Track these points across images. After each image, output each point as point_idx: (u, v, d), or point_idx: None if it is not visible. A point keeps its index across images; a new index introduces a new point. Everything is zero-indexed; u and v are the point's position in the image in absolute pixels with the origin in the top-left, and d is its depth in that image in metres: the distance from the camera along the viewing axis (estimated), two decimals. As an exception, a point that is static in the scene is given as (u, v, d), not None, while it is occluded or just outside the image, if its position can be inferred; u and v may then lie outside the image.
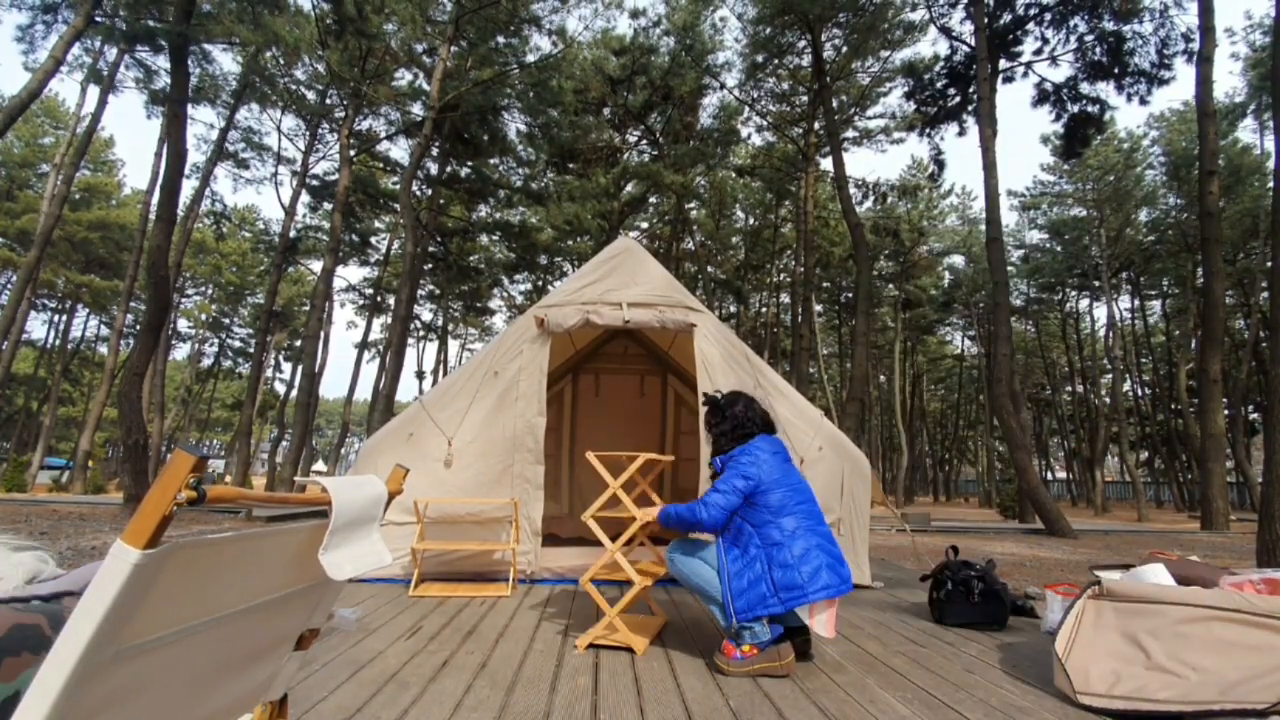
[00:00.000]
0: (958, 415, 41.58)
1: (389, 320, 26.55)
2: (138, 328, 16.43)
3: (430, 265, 23.62)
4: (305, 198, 21.78)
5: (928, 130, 17.47)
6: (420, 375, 33.96)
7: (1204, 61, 11.22)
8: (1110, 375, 28.71)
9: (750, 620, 2.26)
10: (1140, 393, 32.67)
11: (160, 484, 0.59)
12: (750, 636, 2.25)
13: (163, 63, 15.38)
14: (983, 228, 17.47)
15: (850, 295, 28.32)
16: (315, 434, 49.61)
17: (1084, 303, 31.86)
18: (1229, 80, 70.08)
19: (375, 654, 2.39)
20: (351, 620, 2.80)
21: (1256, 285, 21.41)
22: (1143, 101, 14.55)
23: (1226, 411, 19.01)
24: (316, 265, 23.63)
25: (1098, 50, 14.55)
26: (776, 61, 19.55)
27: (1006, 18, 14.85)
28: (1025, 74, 15.38)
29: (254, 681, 0.94)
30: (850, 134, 21.76)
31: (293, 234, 21.46)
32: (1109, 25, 14.26)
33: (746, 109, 21.24)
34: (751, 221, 28.17)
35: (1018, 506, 15.20)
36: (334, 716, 1.77)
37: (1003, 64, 15.20)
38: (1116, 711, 1.89)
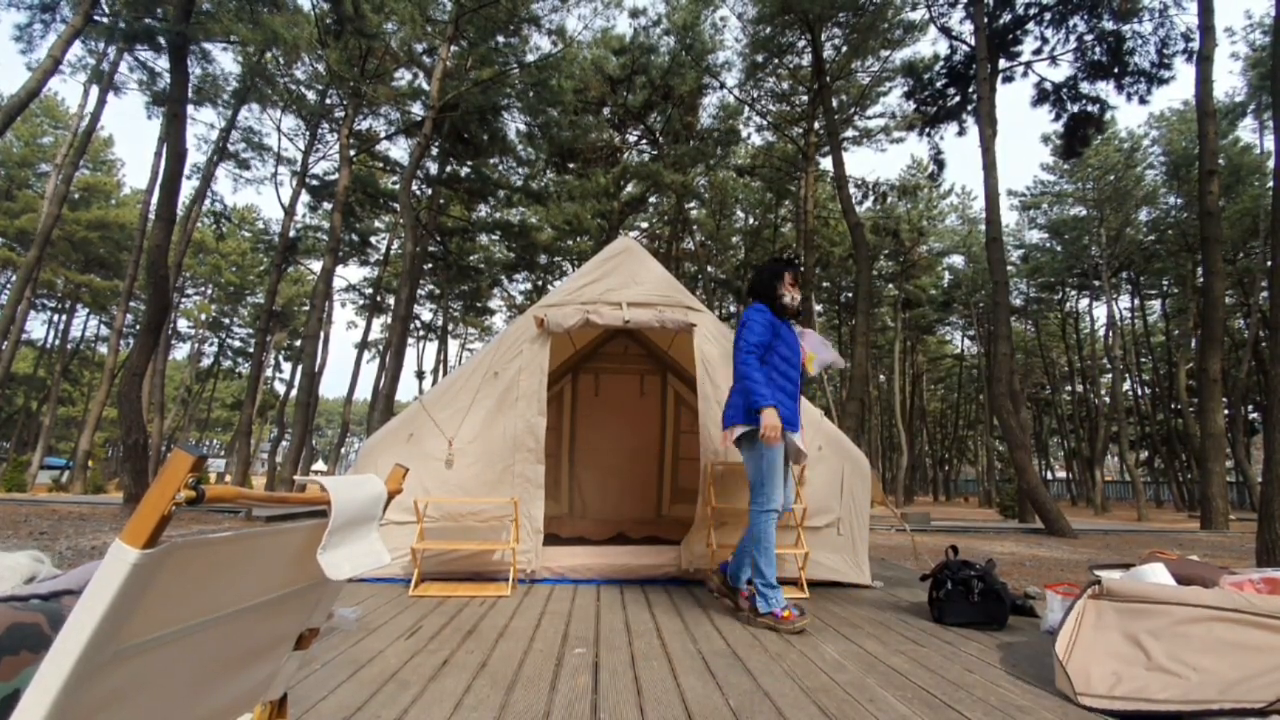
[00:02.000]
0: (957, 415, 41.60)
1: (389, 320, 26.55)
2: (137, 327, 16.42)
3: (430, 265, 23.61)
4: (305, 197, 21.79)
5: (927, 130, 17.46)
6: (420, 375, 33.97)
7: (1204, 61, 11.21)
8: (1110, 375, 28.72)
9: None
10: (1140, 392, 32.68)
11: (159, 483, 0.59)
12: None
13: (163, 62, 15.37)
14: (982, 227, 17.47)
15: (850, 295, 28.32)
16: (315, 434, 49.62)
17: (1084, 302, 31.90)
18: (1229, 80, 70.20)
19: (375, 653, 2.39)
20: (351, 620, 2.80)
21: (1256, 285, 21.42)
22: (1143, 101, 14.54)
23: (1226, 411, 19.04)
24: (316, 265, 23.63)
25: (1097, 50, 14.54)
26: (776, 61, 19.54)
27: (1006, 17, 14.83)
28: (1025, 73, 15.37)
29: (253, 681, 0.94)
30: (850, 133, 21.75)
31: (292, 234, 21.45)
32: (1109, 25, 14.24)
33: (746, 109, 21.24)
34: (751, 221, 28.16)
35: (1017, 506, 15.20)
36: (334, 716, 1.77)
37: (1002, 63, 15.19)
38: (1117, 712, 1.89)
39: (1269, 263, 7.54)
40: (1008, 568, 5.88)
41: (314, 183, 21.38)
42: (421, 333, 33.08)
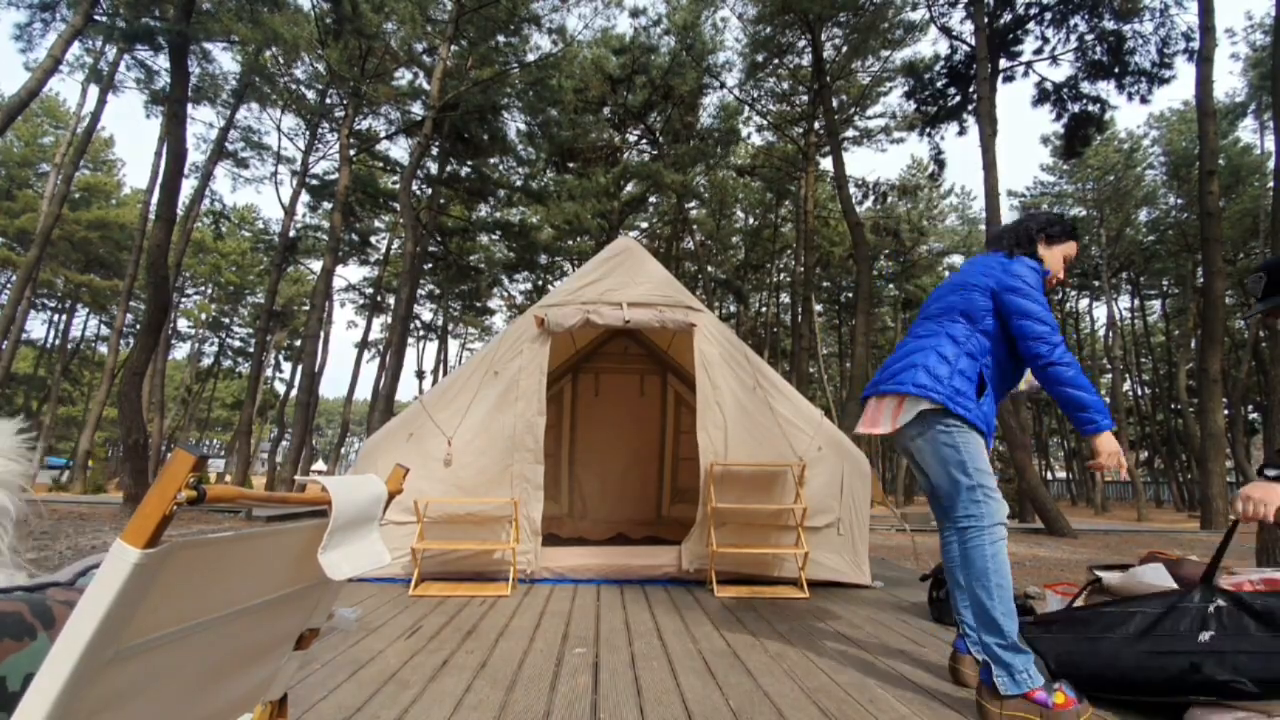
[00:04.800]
0: (957, 415, 41.47)
1: (389, 320, 26.56)
2: (137, 327, 16.42)
3: (430, 265, 23.62)
4: (305, 197, 21.80)
5: (928, 130, 17.45)
6: (420, 375, 33.97)
7: (1204, 61, 11.21)
8: (1110, 375, 28.73)
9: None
10: (1140, 392, 32.69)
11: (160, 483, 0.59)
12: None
13: (162, 62, 15.39)
14: (983, 227, 17.47)
15: (850, 295, 28.33)
16: (315, 434, 49.60)
17: (1084, 302, 31.91)
18: (1229, 80, 70.03)
19: (375, 653, 2.39)
20: (351, 620, 2.80)
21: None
22: (1143, 101, 14.54)
23: (1226, 411, 19.03)
24: (316, 265, 23.64)
25: (1098, 49, 14.54)
26: (776, 61, 19.54)
27: (1007, 17, 14.83)
28: (1025, 73, 15.37)
29: (254, 681, 0.94)
30: (850, 133, 21.76)
31: (292, 233, 21.46)
32: (1109, 24, 14.24)
33: (746, 108, 21.24)
34: (751, 221, 28.17)
35: (1017, 506, 15.18)
36: (334, 716, 1.77)
37: (1003, 63, 15.18)
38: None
39: (1269, 263, 7.53)
40: (1008, 568, 5.87)
41: (314, 182, 21.39)
42: (421, 333, 33.09)
